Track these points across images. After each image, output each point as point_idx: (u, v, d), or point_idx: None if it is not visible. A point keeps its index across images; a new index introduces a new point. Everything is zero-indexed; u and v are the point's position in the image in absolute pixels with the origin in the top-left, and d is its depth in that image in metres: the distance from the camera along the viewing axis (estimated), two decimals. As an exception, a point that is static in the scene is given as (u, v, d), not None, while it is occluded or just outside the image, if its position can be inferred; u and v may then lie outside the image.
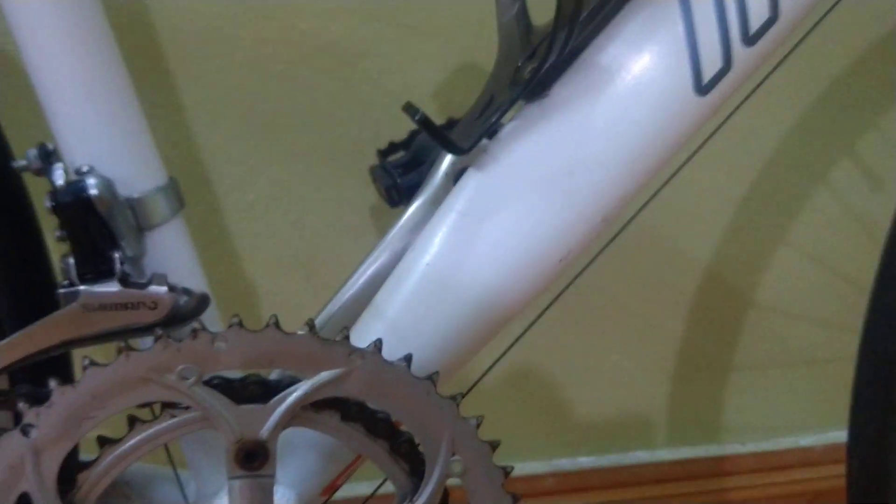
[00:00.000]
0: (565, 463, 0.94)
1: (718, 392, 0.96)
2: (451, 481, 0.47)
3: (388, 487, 0.49)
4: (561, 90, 0.47)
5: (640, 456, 0.95)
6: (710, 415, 0.96)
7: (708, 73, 0.46)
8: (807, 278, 0.92)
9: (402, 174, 0.62)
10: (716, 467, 0.97)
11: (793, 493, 0.99)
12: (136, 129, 0.45)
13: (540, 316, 0.56)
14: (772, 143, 0.85)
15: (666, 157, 0.48)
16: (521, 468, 0.92)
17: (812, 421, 0.99)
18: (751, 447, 0.98)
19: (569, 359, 0.90)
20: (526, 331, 0.55)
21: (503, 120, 0.48)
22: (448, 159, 0.59)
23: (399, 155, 0.66)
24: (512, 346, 0.55)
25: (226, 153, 0.74)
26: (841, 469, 0.88)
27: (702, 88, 0.47)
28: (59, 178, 0.40)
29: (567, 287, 0.55)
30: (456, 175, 0.58)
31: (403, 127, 0.65)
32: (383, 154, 0.67)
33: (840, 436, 0.98)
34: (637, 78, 0.46)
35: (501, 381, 0.90)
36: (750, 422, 0.97)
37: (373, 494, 0.58)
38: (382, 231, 0.82)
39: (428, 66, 0.75)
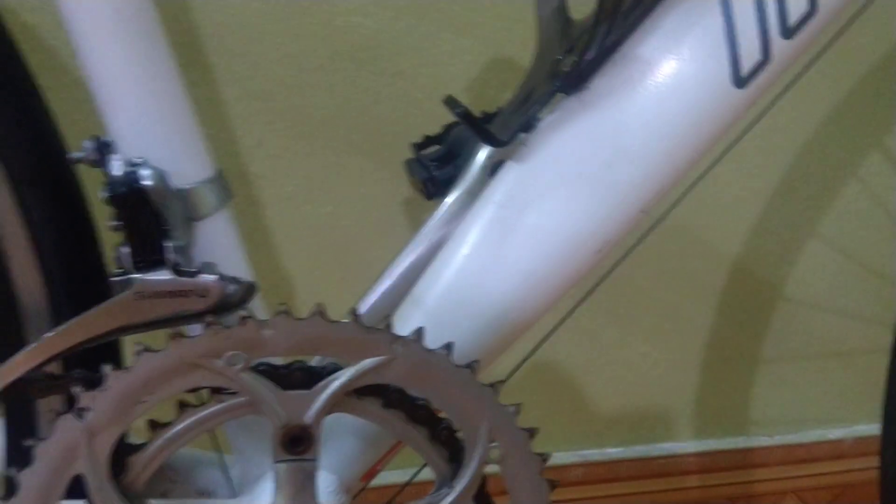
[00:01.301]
0: (593, 453, 0.94)
1: (747, 384, 0.96)
2: (490, 469, 0.48)
3: (425, 475, 0.50)
4: (600, 83, 0.48)
5: (668, 447, 0.96)
6: (738, 407, 0.97)
7: (746, 65, 0.47)
8: (836, 271, 0.92)
9: (438, 167, 0.62)
10: (743, 459, 0.97)
11: (821, 485, 0.99)
12: (186, 122, 0.46)
13: (576, 307, 0.56)
14: (801, 137, 0.86)
15: (704, 149, 0.49)
16: (550, 458, 0.93)
17: (841, 414, 0.99)
18: (779, 440, 0.98)
19: (598, 349, 0.91)
20: (563, 321, 0.56)
21: (542, 113, 0.49)
22: (485, 152, 0.59)
23: (434, 149, 0.67)
24: (549, 335, 0.56)
25: (263, 147, 0.75)
26: (870, 462, 0.88)
27: (740, 81, 0.47)
28: (116, 168, 0.42)
29: (603, 279, 0.55)
30: (492, 168, 0.59)
31: (437, 121, 0.67)
32: (418, 148, 0.68)
33: (868, 429, 0.98)
34: (676, 71, 0.47)
35: (530, 372, 0.90)
36: (778, 414, 0.97)
37: (410, 480, 0.59)
38: (415, 225, 0.83)
39: (461, 62, 0.76)
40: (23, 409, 0.48)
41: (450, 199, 0.59)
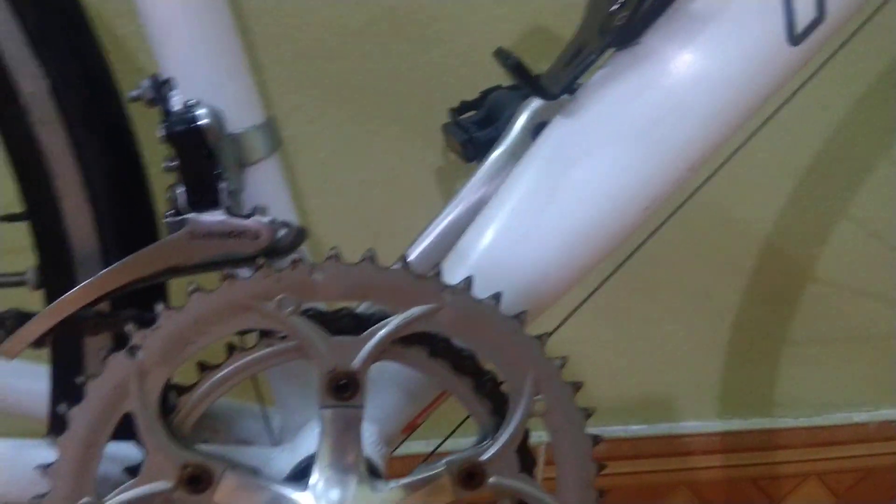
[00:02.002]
0: (617, 430, 0.94)
1: (772, 365, 0.96)
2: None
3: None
4: (652, 38, 0.48)
5: (692, 426, 0.96)
6: (763, 387, 0.96)
7: (801, 22, 0.47)
8: (867, 253, 0.91)
9: (477, 129, 0.63)
10: (767, 440, 0.97)
11: (844, 468, 0.99)
12: (239, 66, 0.47)
13: (619, 267, 0.56)
14: (837, 115, 0.85)
15: (754, 107, 0.49)
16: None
17: (866, 397, 0.98)
18: (803, 421, 0.98)
19: (623, 326, 0.91)
20: (613, 273, 0.57)
21: (592, 68, 0.49)
22: (526, 114, 0.60)
23: (471, 114, 0.67)
24: (597, 289, 0.56)
25: (300, 111, 0.76)
26: (893, 446, 0.88)
27: (794, 38, 0.47)
28: (177, 104, 0.42)
29: (647, 240, 0.55)
30: (534, 129, 0.59)
31: (472, 89, 0.67)
32: (456, 112, 0.68)
33: (893, 413, 0.98)
34: (730, 26, 0.47)
35: (554, 347, 0.90)
36: (803, 396, 0.97)
37: (451, 433, 0.59)
38: (447, 194, 0.84)
39: (498, 30, 0.76)
40: (70, 352, 0.48)
41: (490, 159, 0.60)
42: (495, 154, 0.59)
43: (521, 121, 0.59)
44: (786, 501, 1.00)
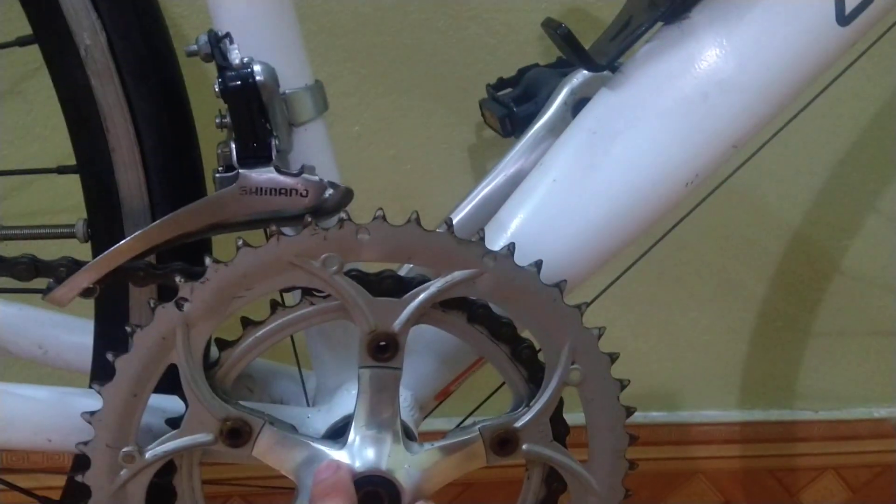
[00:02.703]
0: (637, 416, 0.93)
1: (795, 357, 0.95)
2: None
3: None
4: (702, 12, 0.48)
5: (712, 415, 0.96)
6: (784, 379, 0.96)
7: (851, 3, 0.47)
8: (894, 248, 0.91)
9: (516, 105, 0.63)
10: (786, 432, 0.97)
11: (862, 463, 0.99)
12: (291, 26, 0.47)
13: (658, 241, 0.57)
14: (872, 107, 0.85)
15: (801, 86, 0.49)
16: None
17: (887, 393, 0.98)
18: (823, 415, 0.98)
19: (646, 312, 0.91)
20: (652, 248, 0.57)
21: (640, 41, 0.49)
22: (567, 90, 0.60)
23: (507, 91, 0.68)
24: (634, 263, 0.56)
25: (336, 83, 0.76)
26: (914, 443, 0.88)
27: (844, 19, 0.47)
28: (235, 58, 0.42)
29: (688, 215, 0.56)
30: (575, 104, 0.60)
31: (507, 68, 0.67)
32: (494, 89, 0.68)
33: (914, 410, 0.98)
34: (780, 4, 0.47)
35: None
36: (824, 389, 0.97)
37: (487, 399, 0.60)
38: (478, 172, 0.84)
39: (536, 9, 0.76)
40: (115, 303, 0.49)
41: (528, 134, 0.60)
42: (534, 128, 0.60)
43: (561, 96, 0.60)
44: (802, 494, 1.00)
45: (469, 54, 0.77)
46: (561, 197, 0.50)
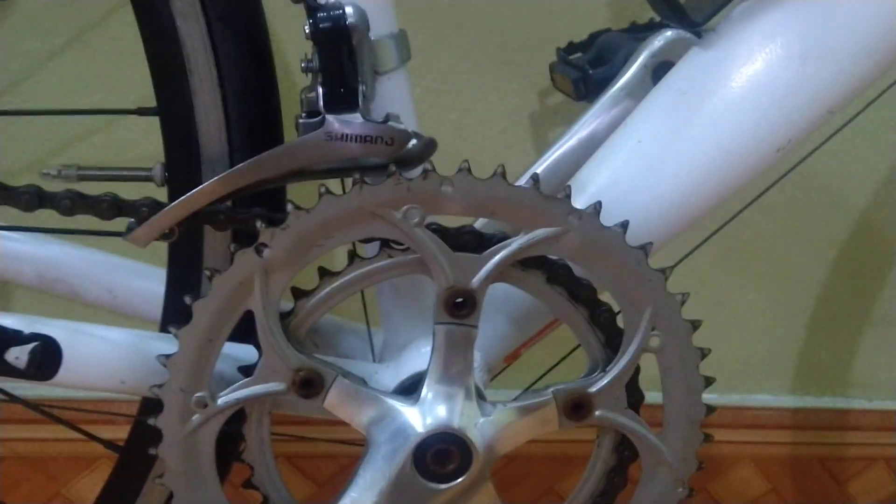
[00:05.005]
0: (687, 397, 0.93)
1: (852, 344, 0.93)
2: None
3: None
4: (804, -29, 0.46)
5: (764, 399, 0.94)
6: (840, 366, 0.94)
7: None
8: (962, 238, 0.88)
9: (592, 67, 0.62)
10: (839, 420, 0.95)
11: (915, 455, 0.97)
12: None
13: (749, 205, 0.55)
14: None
15: (899, 54, 0.47)
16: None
17: (945, 385, 0.96)
18: (877, 404, 0.95)
19: (703, 292, 0.89)
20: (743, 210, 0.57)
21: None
22: (647, 53, 0.58)
23: (578, 55, 0.66)
24: (728, 222, 0.55)
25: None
26: (967, 437, 0.85)
27: (955, -21, 0.45)
28: (324, 1, 0.41)
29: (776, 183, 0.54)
30: (655, 68, 0.58)
31: (574, 35, 0.65)
32: (565, 52, 0.67)
33: (971, 404, 0.95)
34: (889, -37, 0.45)
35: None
36: (880, 378, 0.95)
37: (563, 359, 0.59)
38: (538, 141, 0.82)
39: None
40: (191, 248, 0.49)
41: (604, 97, 0.59)
42: (610, 91, 0.59)
43: (641, 59, 0.58)
44: (850, 484, 0.98)
45: (535, 20, 0.75)
46: (647, 158, 0.49)
